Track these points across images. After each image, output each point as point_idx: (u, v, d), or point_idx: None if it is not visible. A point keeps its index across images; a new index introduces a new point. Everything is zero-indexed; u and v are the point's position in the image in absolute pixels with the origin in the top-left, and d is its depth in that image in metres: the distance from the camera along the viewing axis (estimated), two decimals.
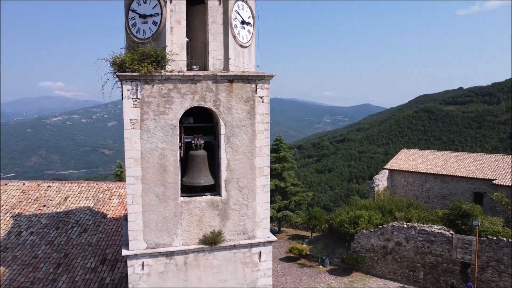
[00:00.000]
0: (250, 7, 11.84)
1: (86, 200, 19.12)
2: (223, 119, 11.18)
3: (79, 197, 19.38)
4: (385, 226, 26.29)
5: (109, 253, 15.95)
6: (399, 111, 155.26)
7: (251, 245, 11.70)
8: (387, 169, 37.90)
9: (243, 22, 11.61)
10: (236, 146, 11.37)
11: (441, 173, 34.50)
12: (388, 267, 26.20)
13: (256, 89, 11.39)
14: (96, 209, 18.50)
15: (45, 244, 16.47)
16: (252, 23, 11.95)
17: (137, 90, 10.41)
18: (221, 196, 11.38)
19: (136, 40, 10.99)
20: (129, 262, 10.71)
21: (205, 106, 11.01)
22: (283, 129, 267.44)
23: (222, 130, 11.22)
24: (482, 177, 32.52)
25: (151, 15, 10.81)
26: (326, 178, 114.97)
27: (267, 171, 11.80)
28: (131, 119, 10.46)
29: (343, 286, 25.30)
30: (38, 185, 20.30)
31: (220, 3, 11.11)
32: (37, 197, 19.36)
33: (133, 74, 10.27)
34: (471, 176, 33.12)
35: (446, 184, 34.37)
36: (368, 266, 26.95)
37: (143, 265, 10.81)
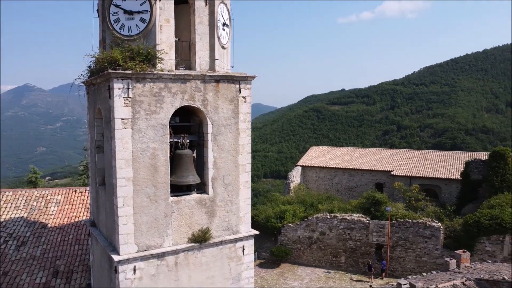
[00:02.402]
0: (228, 9, 12.23)
1: (17, 210, 17.19)
2: (211, 118, 11.40)
3: (6, 207, 17.30)
4: (310, 218, 28.38)
5: (61, 264, 14.77)
6: (290, 111, 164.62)
7: (235, 240, 12.11)
8: (300, 165, 40.64)
9: (223, 24, 11.95)
10: (222, 144, 11.68)
11: (348, 167, 38.30)
12: (313, 256, 28.34)
13: (240, 89, 11.84)
14: (32, 219, 16.78)
15: None
16: (229, 25, 12.35)
17: (128, 88, 10.08)
18: (208, 193, 11.58)
19: (122, 37, 10.62)
20: (120, 268, 10.29)
21: (194, 105, 11.11)
22: None
23: (209, 129, 11.42)
24: (382, 169, 37.03)
25: (138, 12, 10.55)
26: None
27: (249, 167, 12.32)
28: (122, 119, 10.09)
29: (275, 277, 26.68)
30: None
31: (206, 4, 11.31)
32: None
33: (126, 72, 9.94)
34: (373, 168, 37.45)
35: (353, 177, 38.28)
36: (295, 257, 28.77)
37: (134, 269, 10.50)
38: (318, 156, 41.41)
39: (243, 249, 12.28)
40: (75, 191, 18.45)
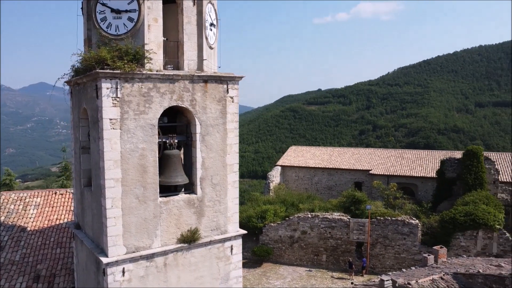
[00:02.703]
0: (215, 10, 12.24)
1: None
2: (199, 118, 11.38)
3: None
4: (291, 217, 28.61)
5: (42, 268, 14.41)
6: (267, 111, 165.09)
7: (224, 240, 12.13)
8: (280, 165, 40.88)
9: (211, 24, 11.95)
10: (210, 144, 11.67)
11: (327, 166, 38.81)
12: (295, 255, 28.58)
13: (228, 89, 11.87)
14: (10, 223, 16.27)
15: None
16: (216, 25, 12.36)
17: (117, 88, 9.95)
18: (196, 194, 11.55)
19: (109, 36, 10.48)
20: (109, 270, 10.15)
21: (183, 105, 11.07)
22: None
23: (198, 129, 11.40)
24: (361, 168, 37.69)
25: (126, 11, 10.44)
26: None
27: (236, 167, 12.36)
28: (110, 119, 9.96)
29: (257, 277, 26.76)
30: None
31: (194, 4, 11.28)
32: None
33: (114, 71, 9.81)
34: (352, 168, 38.08)
35: (332, 176, 38.80)
36: (276, 256, 28.94)
37: (123, 271, 10.38)
38: (297, 156, 41.77)
39: (232, 249, 12.31)
40: (55, 193, 18.02)
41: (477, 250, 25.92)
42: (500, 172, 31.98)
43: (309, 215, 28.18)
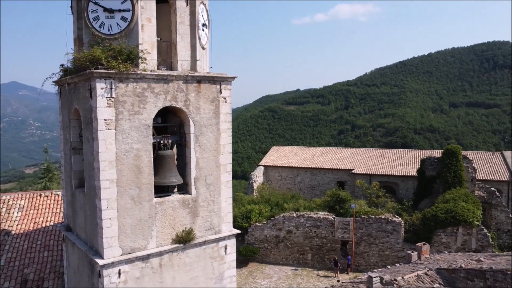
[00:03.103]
0: (207, 10, 12.26)
1: None
2: (193, 118, 11.38)
3: None
4: (276, 217, 28.78)
5: (30, 272, 14.07)
6: (246, 111, 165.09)
7: (218, 240, 12.16)
8: (262, 165, 41.03)
9: (203, 25, 11.97)
10: (203, 144, 11.68)
11: (310, 166, 39.17)
12: (280, 254, 28.77)
13: (221, 90, 11.90)
14: None
15: None
16: (208, 25, 12.38)
17: (111, 88, 9.86)
18: (190, 194, 11.54)
19: (102, 35, 10.36)
20: (105, 272, 10.04)
21: (177, 106, 11.04)
22: None
23: (191, 129, 11.39)
24: (343, 168, 38.21)
25: (119, 10, 10.34)
26: None
27: (229, 167, 12.41)
28: (105, 119, 9.86)
29: (244, 277, 26.82)
30: None
31: (187, 4, 11.28)
32: None
33: (109, 71, 9.72)
34: (334, 167, 38.55)
35: (315, 176, 39.19)
36: (262, 256, 29.07)
37: (119, 273, 10.28)
38: (280, 155, 42.02)
39: (226, 249, 12.34)
40: (40, 195, 17.61)
41: (457, 246, 26.69)
42: (477, 170, 32.98)
43: (294, 215, 28.41)
